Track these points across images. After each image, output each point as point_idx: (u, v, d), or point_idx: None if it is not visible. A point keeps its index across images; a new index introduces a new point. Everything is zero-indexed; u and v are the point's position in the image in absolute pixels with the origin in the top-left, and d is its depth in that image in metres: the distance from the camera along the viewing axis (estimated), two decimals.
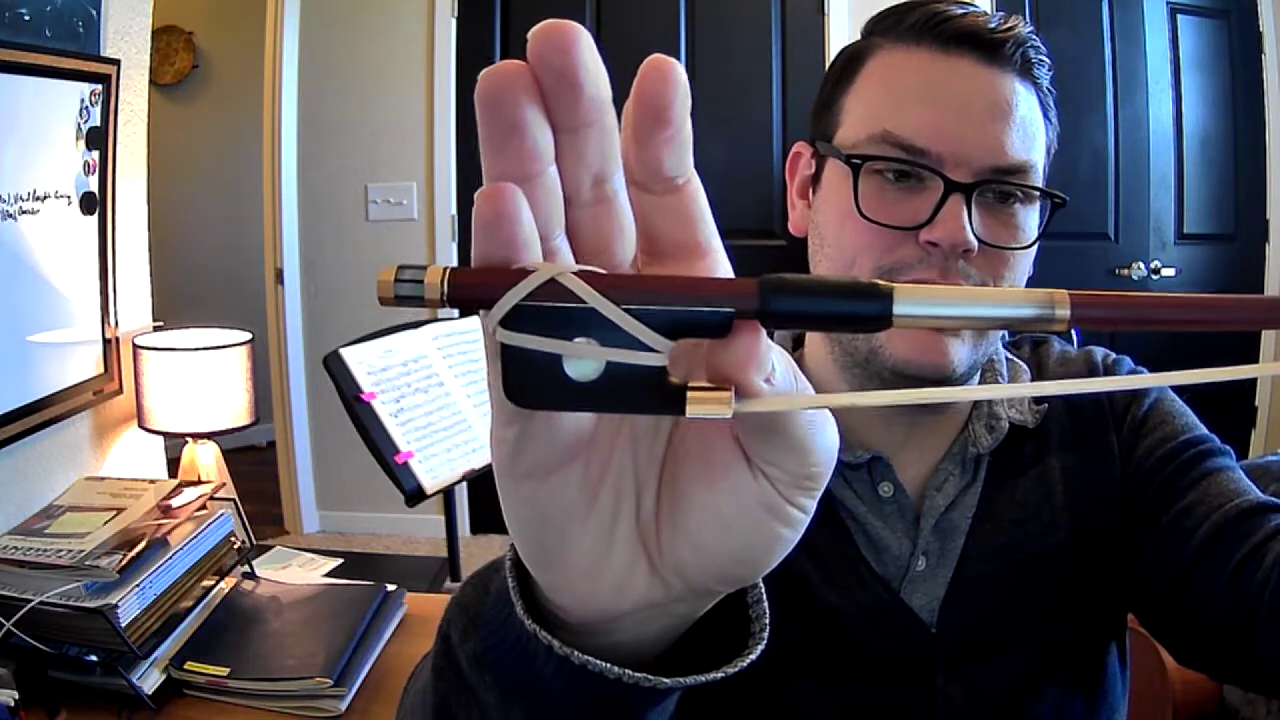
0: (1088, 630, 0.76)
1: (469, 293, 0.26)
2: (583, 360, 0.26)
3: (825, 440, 0.30)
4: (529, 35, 0.25)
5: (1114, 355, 0.83)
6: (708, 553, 0.31)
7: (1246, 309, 0.27)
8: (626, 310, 0.25)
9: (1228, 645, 0.67)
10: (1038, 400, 0.78)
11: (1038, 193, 0.69)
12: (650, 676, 0.34)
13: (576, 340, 0.26)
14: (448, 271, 0.26)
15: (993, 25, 0.68)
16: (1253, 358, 3.46)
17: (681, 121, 0.27)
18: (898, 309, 0.26)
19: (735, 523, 0.31)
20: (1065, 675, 0.74)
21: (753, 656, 0.35)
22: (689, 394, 0.26)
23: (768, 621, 0.36)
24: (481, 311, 0.26)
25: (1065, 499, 0.75)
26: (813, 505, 0.31)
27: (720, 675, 0.35)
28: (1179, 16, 3.24)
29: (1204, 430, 0.77)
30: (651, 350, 0.26)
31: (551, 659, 0.34)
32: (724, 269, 0.29)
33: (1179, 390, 0.78)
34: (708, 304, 0.26)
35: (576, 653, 0.34)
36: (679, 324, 0.26)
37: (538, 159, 0.26)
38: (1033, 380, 0.80)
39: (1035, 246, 0.71)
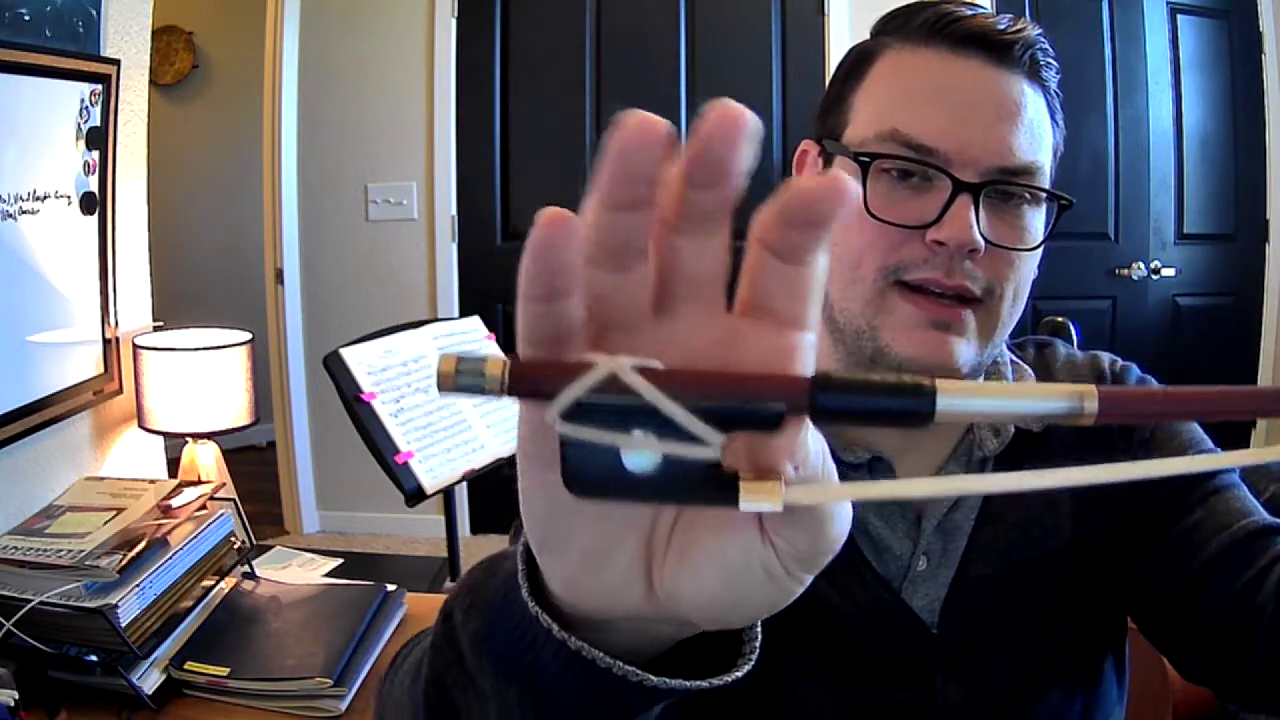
0: (1088, 634, 0.76)
1: (529, 385, 0.27)
2: (640, 453, 0.27)
3: (838, 528, 0.31)
4: (704, 113, 0.26)
5: (1120, 361, 0.83)
6: (703, 592, 0.32)
7: (1255, 400, 0.29)
8: (683, 405, 0.26)
9: (1228, 664, 0.67)
10: None
11: (1044, 194, 0.70)
12: (639, 672, 0.35)
13: (634, 433, 0.26)
14: (508, 365, 0.27)
15: (1002, 27, 0.68)
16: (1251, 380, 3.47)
17: (828, 220, 0.27)
18: (941, 404, 0.27)
19: (736, 576, 0.31)
20: (1064, 678, 0.74)
21: (739, 674, 0.36)
22: (741, 485, 0.27)
23: (758, 644, 0.37)
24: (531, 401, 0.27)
25: (1070, 504, 0.74)
26: (809, 580, 0.32)
27: (706, 685, 0.35)
28: (1179, 16, 3.24)
29: (1211, 445, 0.77)
30: (705, 444, 0.26)
31: (549, 642, 0.35)
32: (811, 346, 0.29)
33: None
34: (761, 400, 0.27)
35: (573, 639, 0.34)
36: (733, 417, 0.26)
37: (646, 206, 0.27)
38: (1039, 381, 0.80)
39: (1041, 249, 0.71)
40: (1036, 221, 0.70)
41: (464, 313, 2.99)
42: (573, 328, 0.28)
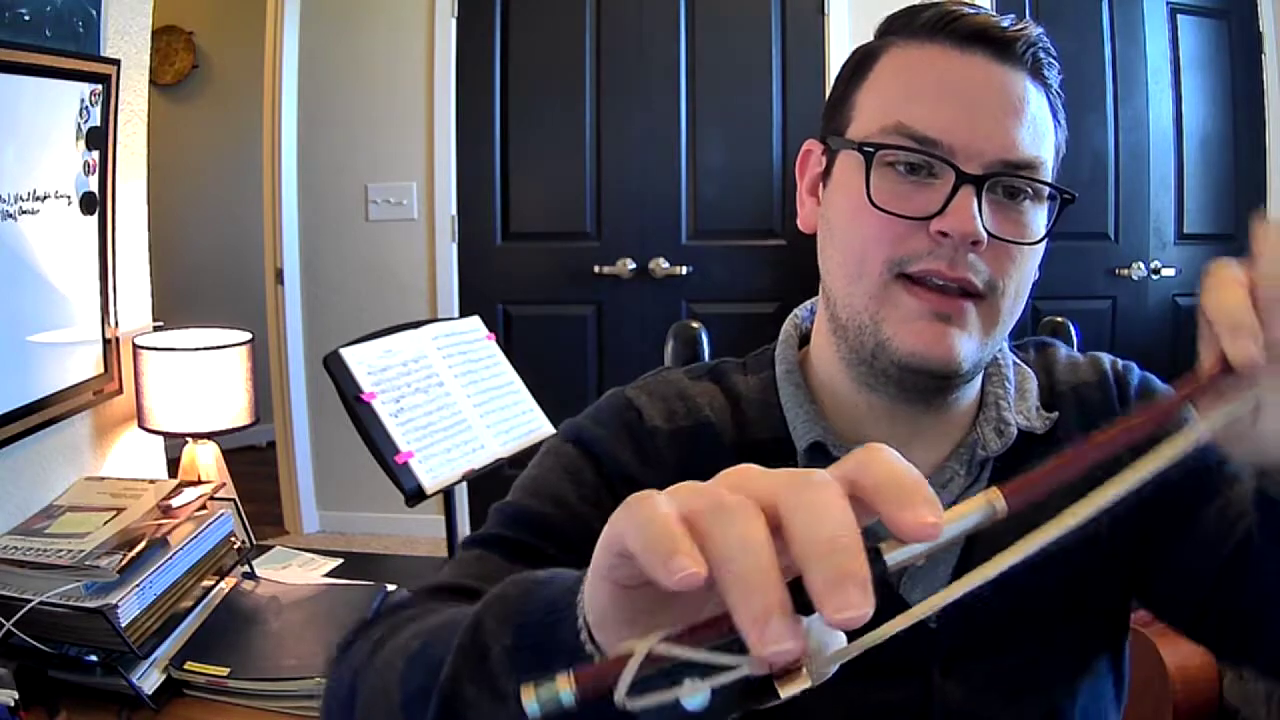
0: (1088, 632, 0.76)
1: (595, 684, 0.33)
2: (694, 695, 0.33)
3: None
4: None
5: (1122, 362, 0.83)
6: None
7: (1153, 420, 0.35)
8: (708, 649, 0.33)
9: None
10: (1048, 407, 0.78)
11: (1047, 190, 0.70)
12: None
13: (685, 683, 0.33)
14: (573, 676, 0.33)
15: (1006, 25, 0.70)
16: None
17: None
18: (889, 560, 0.34)
19: None
20: (1064, 676, 0.74)
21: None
22: (776, 685, 0.34)
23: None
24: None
25: (1070, 502, 0.74)
26: None
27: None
28: (1179, 16, 3.24)
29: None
30: (737, 667, 0.33)
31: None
32: None
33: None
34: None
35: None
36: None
37: None
38: (1041, 384, 0.80)
39: (1043, 245, 0.71)
40: (1039, 218, 0.71)
41: (464, 313, 2.99)
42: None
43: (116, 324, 1.79)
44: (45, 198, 1.58)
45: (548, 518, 0.72)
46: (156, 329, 1.95)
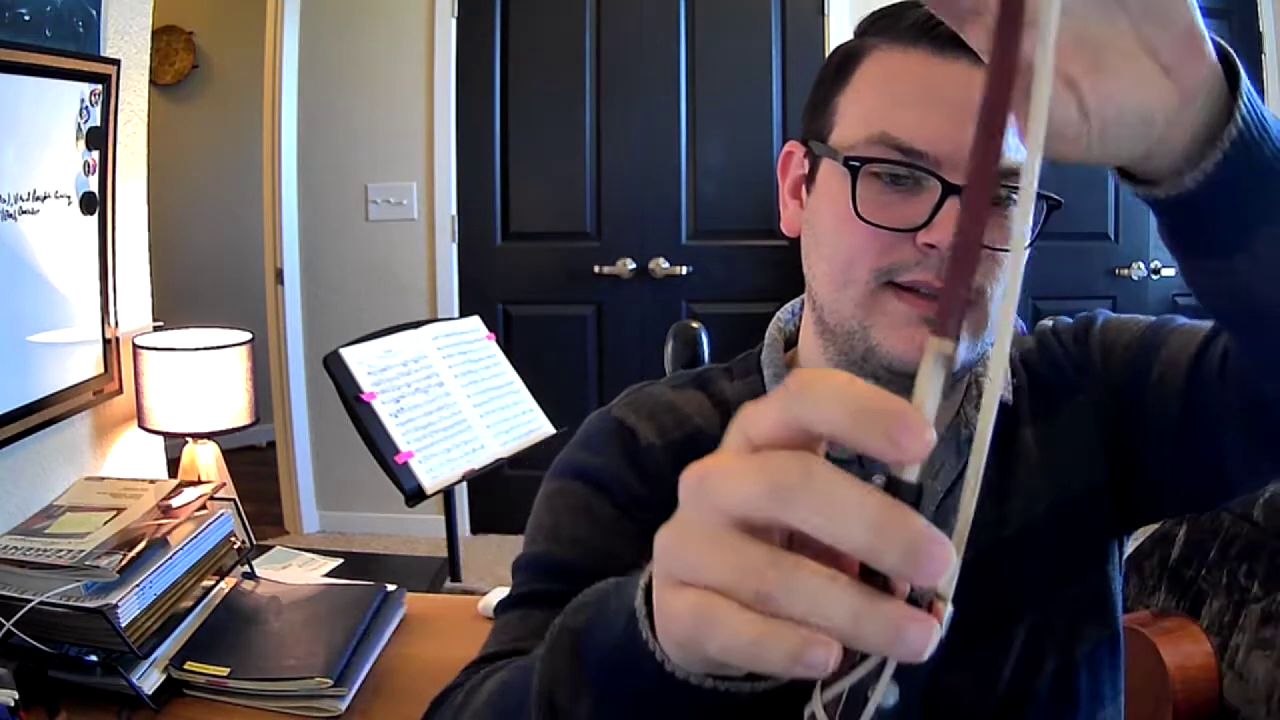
0: (1082, 601, 0.76)
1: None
2: (889, 695, 0.34)
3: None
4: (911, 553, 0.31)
5: (1054, 318, 0.84)
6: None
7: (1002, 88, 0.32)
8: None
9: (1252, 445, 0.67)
10: (1013, 374, 0.79)
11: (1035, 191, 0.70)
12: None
13: (869, 693, 0.34)
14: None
15: None
16: None
17: None
18: (907, 478, 0.34)
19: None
20: (1062, 651, 0.74)
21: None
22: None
23: None
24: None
25: (1042, 468, 0.76)
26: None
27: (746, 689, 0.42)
28: None
29: (1154, 318, 0.79)
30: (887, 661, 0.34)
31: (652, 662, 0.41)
32: None
33: None
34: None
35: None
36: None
37: None
38: (1017, 375, 0.81)
39: (1029, 250, 0.71)
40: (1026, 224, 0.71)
41: (464, 313, 2.99)
42: None
43: (116, 324, 1.79)
44: (45, 198, 1.58)
45: (574, 563, 0.71)
46: (156, 329, 1.95)
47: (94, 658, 1.12)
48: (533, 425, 2.09)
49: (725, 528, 0.33)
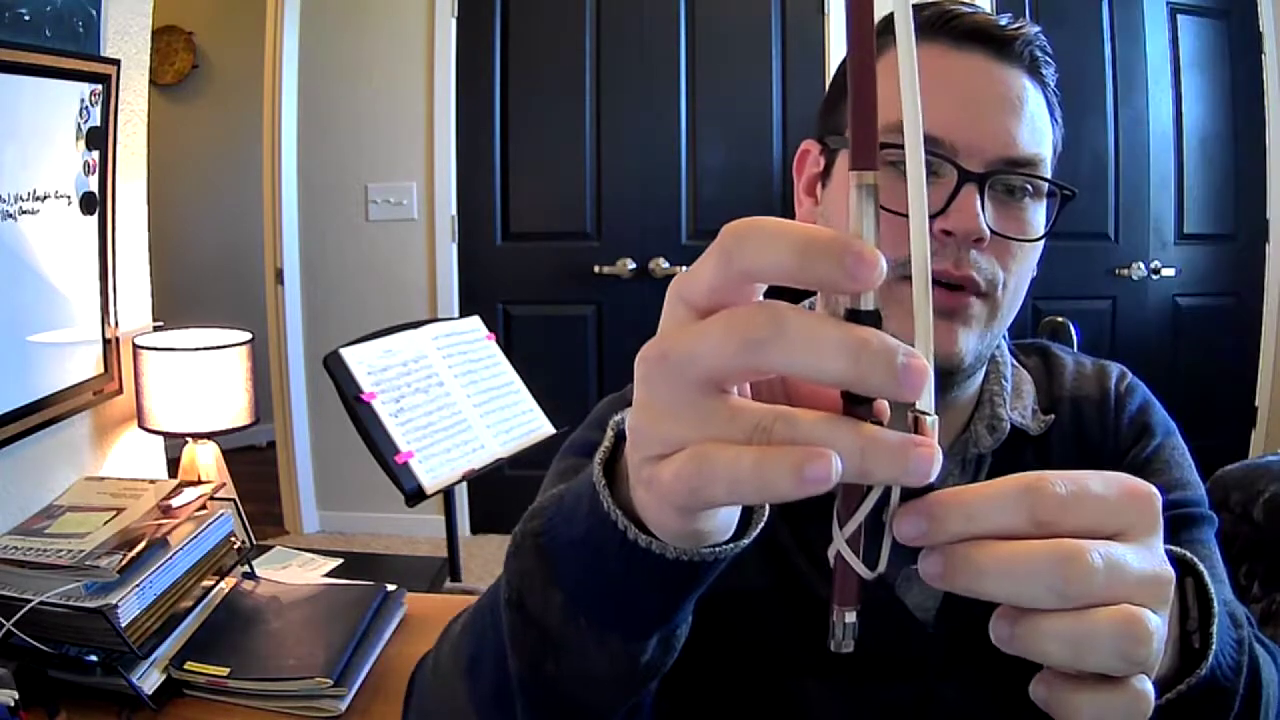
0: None
1: (854, 592, 0.39)
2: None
3: None
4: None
5: (1129, 379, 0.83)
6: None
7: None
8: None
9: None
10: (1045, 410, 0.78)
11: (1047, 186, 0.71)
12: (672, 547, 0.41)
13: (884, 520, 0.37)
14: (840, 609, 0.39)
15: (1003, 23, 0.70)
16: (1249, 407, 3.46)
17: None
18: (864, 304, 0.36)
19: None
20: None
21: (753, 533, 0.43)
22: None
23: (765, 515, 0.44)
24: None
25: None
26: None
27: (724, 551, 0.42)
28: (1179, 16, 3.24)
29: (1199, 490, 0.77)
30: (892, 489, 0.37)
31: (616, 536, 0.42)
32: None
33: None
34: None
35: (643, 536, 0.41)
36: None
37: None
38: (1041, 387, 0.80)
39: (1042, 242, 0.72)
40: (1038, 215, 0.72)
41: (464, 313, 2.99)
42: None
43: (116, 324, 1.79)
44: (45, 198, 1.58)
45: None
46: (156, 329, 1.95)
47: (94, 658, 1.12)
48: (533, 425, 2.09)
49: (702, 394, 0.34)
